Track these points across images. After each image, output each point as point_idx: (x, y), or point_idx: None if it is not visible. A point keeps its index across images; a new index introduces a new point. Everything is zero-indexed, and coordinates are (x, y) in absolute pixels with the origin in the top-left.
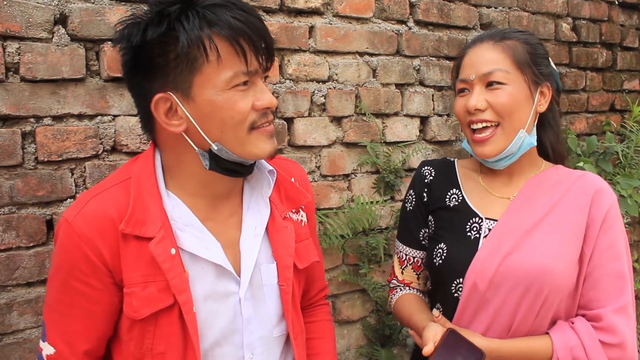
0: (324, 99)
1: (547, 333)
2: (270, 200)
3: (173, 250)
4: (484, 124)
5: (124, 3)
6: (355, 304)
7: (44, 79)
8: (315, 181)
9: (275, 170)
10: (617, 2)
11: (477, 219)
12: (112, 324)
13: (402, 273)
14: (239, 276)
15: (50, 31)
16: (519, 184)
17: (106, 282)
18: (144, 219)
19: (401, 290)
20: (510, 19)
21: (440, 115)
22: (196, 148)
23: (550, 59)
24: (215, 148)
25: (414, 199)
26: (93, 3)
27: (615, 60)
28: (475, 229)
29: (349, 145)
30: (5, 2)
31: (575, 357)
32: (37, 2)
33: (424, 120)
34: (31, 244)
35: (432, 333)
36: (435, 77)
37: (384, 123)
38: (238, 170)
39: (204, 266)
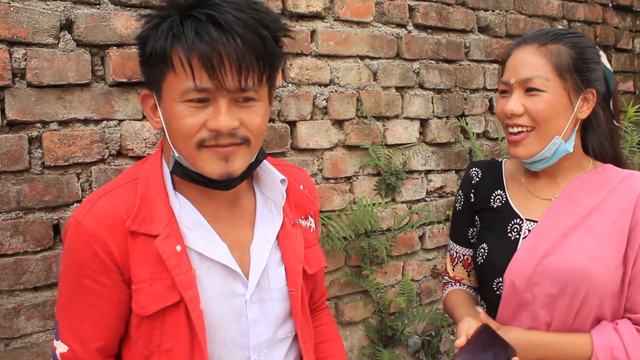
0: (326, 102)
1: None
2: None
3: (179, 247)
4: (520, 129)
5: (129, 9)
6: (358, 305)
7: (50, 85)
8: (317, 184)
9: (287, 180)
10: (611, 5)
11: (517, 220)
12: (124, 322)
13: (453, 270)
14: (247, 278)
15: (56, 37)
16: (561, 184)
17: (116, 280)
18: (150, 217)
19: (452, 286)
20: (508, 22)
21: (439, 118)
22: (171, 150)
23: (604, 59)
24: (176, 154)
25: (462, 199)
26: (98, 9)
27: (609, 61)
28: (515, 230)
29: (351, 148)
30: (11, 9)
31: (615, 358)
32: (43, 8)
33: (423, 122)
34: (38, 249)
35: (466, 327)
36: (434, 80)
37: (384, 126)
38: (205, 182)
39: (210, 266)
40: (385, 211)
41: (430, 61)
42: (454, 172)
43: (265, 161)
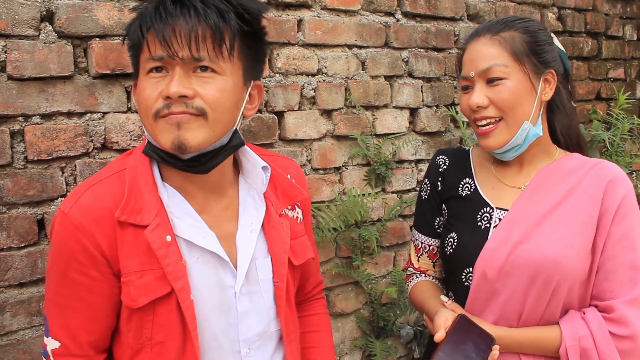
0: (314, 92)
1: (558, 323)
2: (265, 196)
3: (169, 238)
4: (488, 120)
5: None
6: (349, 296)
7: (31, 77)
8: (306, 175)
9: (269, 167)
10: None
11: (488, 208)
12: (114, 315)
13: (418, 261)
14: (236, 269)
15: (37, 28)
16: (531, 173)
17: (105, 273)
18: (139, 207)
19: (417, 277)
20: (497, 10)
21: (429, 107)
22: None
23: (556, 41)
24: (146, 133)
25: (428, 188)
26: None
27: (600, 49)
28: (485, 218)
29: (340, 138)
30: None
31: (583, 348)
32: None
33: (413, 111)
34: (23, 244)
35: (443, 319)
36: (423, 69)
37: (373, 115)
38: (171, 162)
39: (199, 256)
40: (375, 201)
41: (419, 50)
42: None
43: (248, 148)
